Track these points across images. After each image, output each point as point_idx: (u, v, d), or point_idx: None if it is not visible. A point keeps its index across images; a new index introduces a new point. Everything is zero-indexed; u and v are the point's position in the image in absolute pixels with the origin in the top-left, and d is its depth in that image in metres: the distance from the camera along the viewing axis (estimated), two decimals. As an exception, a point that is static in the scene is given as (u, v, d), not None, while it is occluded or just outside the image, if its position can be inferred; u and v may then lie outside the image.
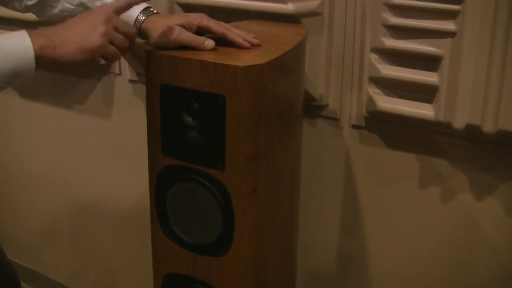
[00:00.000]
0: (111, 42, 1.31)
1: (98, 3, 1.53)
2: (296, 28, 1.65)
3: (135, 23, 1.49)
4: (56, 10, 1.57)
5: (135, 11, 1.50)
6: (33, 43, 1.22)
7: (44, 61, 1.24)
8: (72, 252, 2.70)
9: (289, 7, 1.68)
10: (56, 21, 1.60)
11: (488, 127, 1.53)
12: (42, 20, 1.65)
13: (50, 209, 2.67)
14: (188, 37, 1.41)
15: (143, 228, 1.63)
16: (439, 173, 1.74)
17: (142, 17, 1.49)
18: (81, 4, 1.54)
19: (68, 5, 1.55)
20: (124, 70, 2.22)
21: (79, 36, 1.28)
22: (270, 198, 1.48)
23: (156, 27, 1.44)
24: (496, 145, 1.62)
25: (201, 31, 1.45)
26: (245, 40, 1.44)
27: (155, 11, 1.52)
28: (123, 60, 2.18)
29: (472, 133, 1.58)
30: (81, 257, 2.69)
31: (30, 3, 1.58)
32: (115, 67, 2.24)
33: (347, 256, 1.97)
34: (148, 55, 1.41)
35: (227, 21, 1.75)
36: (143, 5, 1.51)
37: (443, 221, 1.77)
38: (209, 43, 1.41)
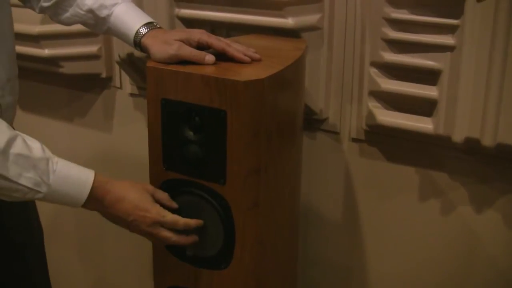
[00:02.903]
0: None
1: (105, 12, 1.54)
2: (296, 43, 1.66)
3: (135, 36, 1.50)
4: (68, 14, 1.61)
5: (137, 25, 1.51)
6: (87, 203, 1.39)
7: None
8: (72, 263, 2.69)
9: (289, 22, 1.69)
10: (66, 25, 1.64)
11: (487, 141, 1.54)
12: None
13: (49, 221, 2.67)
14: (189, 52, 1.42)
15: (145, 241, 1.63)
16: (439, 186, 1.75)
17: (143, 31, 1.50)
18: (90, 11, 1.57)
19: (78, 10, 1.59)
20: (125, 83, 2.23)
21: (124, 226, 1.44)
22: (271, 212, 1.48)
23: (157, 42, 1.46)
24: (495, 158, 1.63)
25: (201, 47, 1.46)
26: (245, 55, 1.45)
27: (158, 26, 1.53)
28: (124, 74, 2.19)
29: (471, 146, 1.59)
30: (80, 269, 2.69)
31: (46, 4, 1.62)
32: (116, 80, 2.25)
33: (347, 268, 1.97)
34: (149, 70, 1.42)
35: (228, 35, 1.77)
36: (146, 19, 1.53)
37: (443, 234, 1.78)
38: (210, 58, 1.42)
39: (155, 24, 1.53)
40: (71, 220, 2.63)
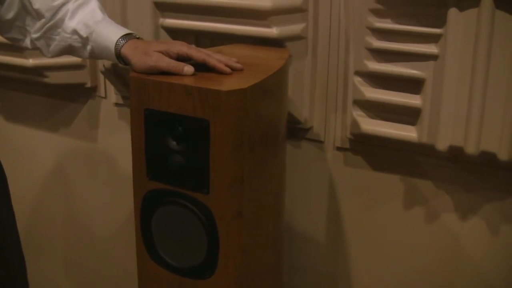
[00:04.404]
0: None
1: (87, 30, 1.54)
2: (279, 52, 1.66)
3: (116, 47, 1.50)
4: (56, 42, 1.59)
5: (116, 36, 1.51)
6: None
7: None
8: (57, 274, 2.68)
9: (273, 31, 1.70)
10: (56, 56, 1.63)
11: (470, 149, 1.55)
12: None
13: (33, 231, 2.66)
14: (167, 63, 1.43)
15: (129, 252, 1.63)
16: (423, 194, 1.75)
17: (122, 42, 1.50)
18: (74, 32, 1.56)
19: (64, 34, 1.57)
20: (110, 93, 2.23)
21: None
22: (255, 221, 1.48)
23: (137, 53, 1.46)
24: (479, 166, 1.64)
25: (181, 58, 1.46)
26: (226, 65, 1.45)
27: (137, 36, 1.53)
28: (108, 83, 2.19)
29: (455, 154, 1.59)
30: (65, 281, 2.68)
31: (35, 35, 1.60)
32: (101, 90, 2.24)
33: (332, 277, 1.97)
34: (132, 80, 1.42)
35: (212, 45, 1.77)
36: (125, 31, 1.53)
37: (427, 241, 1.78)
38: (189, 68, 1.42)
39: (134, 35, 1.53)
40: (52, 238, 2.62)
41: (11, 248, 1.77)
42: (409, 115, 1.65)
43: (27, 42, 1.64)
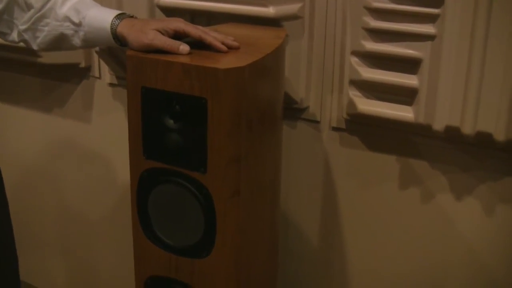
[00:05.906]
0: None
1: (79, 16, 1.53)
2: (276, 31, 1.65)
3: (111, 26, 1.49)
4: (45, 33, 1.57)
5: (109, 17, 1.49)
6: None
7: None
8: (51, 255, 2.68)
9: (270, 11, 1.69)
10: (45, 49, 1.62)
11: (467, 129, 1.55)
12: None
13: (27, 214, 2.65)
14: (163, 41, 1.42)
15: (125, 231, 1.62)
16: (419, 175, 1.75)
17: (116, 21, 1.49)
18: (66, 18, 1.54)
19: (55, 23, 1.56)
20: (104, 73, 2.22)
21: None
22: (252, 200, 1.48)
23: (134, 31, 1.45)
24: (475, 146, 1.64)
25: (178, 35, 1.46)
26: (223, 43, 1.44)
27: (131, 15, 1.52)
28: (103, 63, 2.18)
29: (451, 134, 1.59)
30: (60, 260, 2.68)
31: (23, 27, 1.58)
32: (95, 70, 2.23)
33: (327, 258, 1.97)
34: (129, 58, 1.41)
35: (208, 24, 1.76)
36: (118, 12, 1.52)
37: (423, 222, 1.78)
38: (184, 47, 1.41)
39: (127, 14, 1.52)
40: (46, 219, 2.62)
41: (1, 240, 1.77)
42: (405, 95, 1.64)
43: (14, 36, 1.62)
